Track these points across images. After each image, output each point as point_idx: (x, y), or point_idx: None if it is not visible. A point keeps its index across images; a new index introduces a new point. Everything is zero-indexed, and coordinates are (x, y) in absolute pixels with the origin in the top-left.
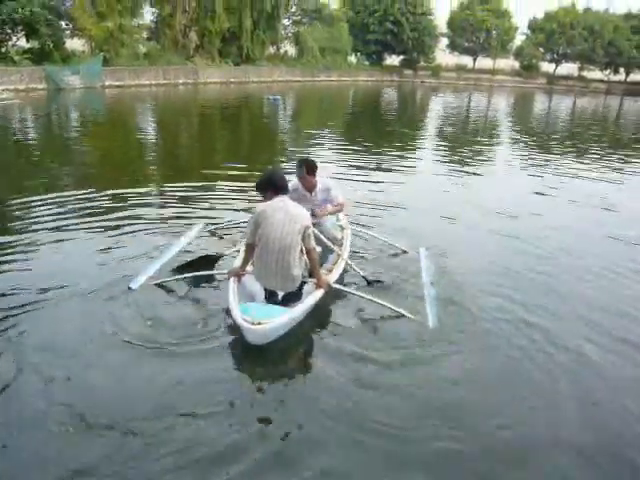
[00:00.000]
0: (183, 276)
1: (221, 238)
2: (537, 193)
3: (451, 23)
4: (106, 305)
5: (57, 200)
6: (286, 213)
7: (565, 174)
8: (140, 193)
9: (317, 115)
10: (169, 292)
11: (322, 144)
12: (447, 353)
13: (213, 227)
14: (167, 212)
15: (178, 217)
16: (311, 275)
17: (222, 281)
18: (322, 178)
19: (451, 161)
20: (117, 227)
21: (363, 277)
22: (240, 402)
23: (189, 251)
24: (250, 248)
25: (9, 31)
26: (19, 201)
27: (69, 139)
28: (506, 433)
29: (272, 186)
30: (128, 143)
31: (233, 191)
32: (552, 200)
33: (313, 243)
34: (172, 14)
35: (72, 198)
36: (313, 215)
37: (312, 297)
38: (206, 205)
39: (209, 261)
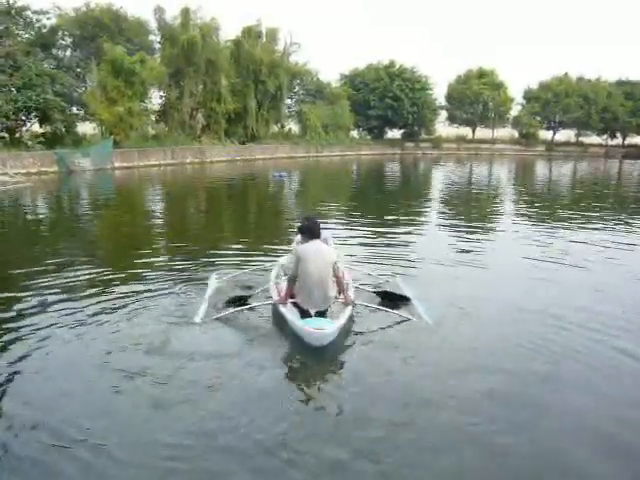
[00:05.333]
0: (237, 309)
1: (236, 285)
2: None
3: (449, 96)
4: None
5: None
6: (320, 252)
7: (568, 236)
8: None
9: (323, 189)
10: (229, 322)
11: (330, 216)
12: (445, 339)
13: (225, 277)
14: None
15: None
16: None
17: (254, 310)
18: (325, 231)
19: (457, 225)
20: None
21: (373, 292)
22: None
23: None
24: (293, 280)
25: (23, 117)
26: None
27: (78, 219)
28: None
29: (309, 232)
30: (136, 221)
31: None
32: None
33: (341, 272)
34: (179, 97)
35: (84, 270)
36: None
37: (347, 312)
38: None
39: (242, 298)
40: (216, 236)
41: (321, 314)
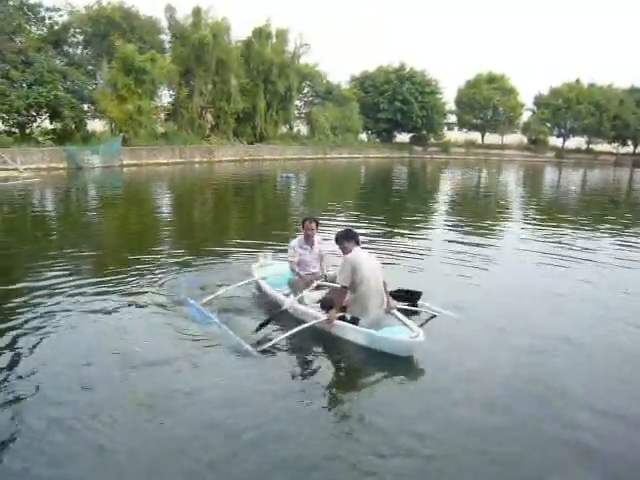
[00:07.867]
0: (285, 336)
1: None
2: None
3: (459, 101)
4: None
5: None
6: (371, 258)
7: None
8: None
9: (330, 192)
10: (287, 348)
11: (336, 219)
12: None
13: (208, 298)
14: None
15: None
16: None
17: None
18: (322, 244)
19: (465, 227)
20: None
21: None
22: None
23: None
24: (346, 291)
25: (34, 113)
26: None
27: (83, 214)
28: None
29: (353, 240)
30: (140, 219)
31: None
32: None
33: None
34: (189, 96)
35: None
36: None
37: (402, 316)
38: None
39: (265, 323)
40: (213, 238)
41: (354, 322)
